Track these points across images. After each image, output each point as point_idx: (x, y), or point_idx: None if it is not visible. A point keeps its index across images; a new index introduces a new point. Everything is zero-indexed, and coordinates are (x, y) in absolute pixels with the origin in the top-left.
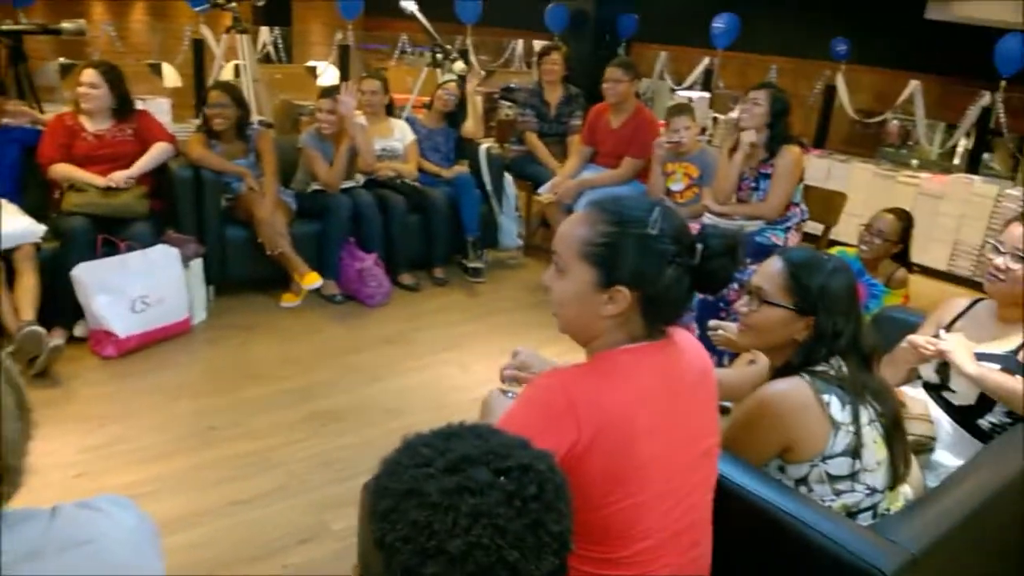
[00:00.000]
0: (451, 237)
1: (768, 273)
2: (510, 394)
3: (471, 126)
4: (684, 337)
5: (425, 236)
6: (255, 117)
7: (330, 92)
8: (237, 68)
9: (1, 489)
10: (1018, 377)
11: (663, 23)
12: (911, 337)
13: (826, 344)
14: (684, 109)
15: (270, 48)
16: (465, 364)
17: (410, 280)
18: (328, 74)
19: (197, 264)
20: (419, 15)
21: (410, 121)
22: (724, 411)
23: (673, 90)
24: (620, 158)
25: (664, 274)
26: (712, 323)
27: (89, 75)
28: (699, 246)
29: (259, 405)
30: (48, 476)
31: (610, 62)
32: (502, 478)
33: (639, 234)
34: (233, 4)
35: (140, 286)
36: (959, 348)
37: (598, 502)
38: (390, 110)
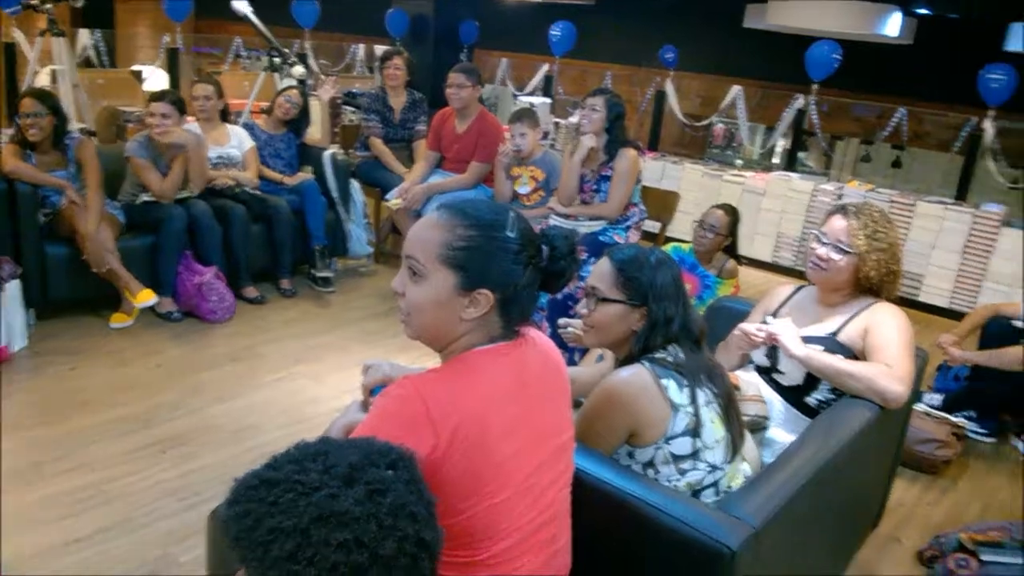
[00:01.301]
0: (297, 246)
1: (600, 273)
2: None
3: (316, 132)
4: (536, 335)
5: (269, 246)
6: (74, 125)
7: (163, 96)
8: (54, 73)
9: None
10: (838, 356)
11: (503, 30)
12: (742, 325)
13: (660, 331)
14: (525, 115)
15: (91, 52)
16: (319, 376)
17: (255, 293)
18: (155, 79)
19: (13, 286)
20: (253, 17)
21: (248, 127)
22: (577, 406)
23: (515, 96)
24: (466, 163)
25: (522, 276)
26: (562, 321)
27: None
28: (545, 247)
29: (92, 435)
30: None
31: (452, 68)
32: (392, 471)
33: (498, 237)
34: (48, 6)
35: None
36: (786, 332)
37: (459, 506)
38: (225, 116)
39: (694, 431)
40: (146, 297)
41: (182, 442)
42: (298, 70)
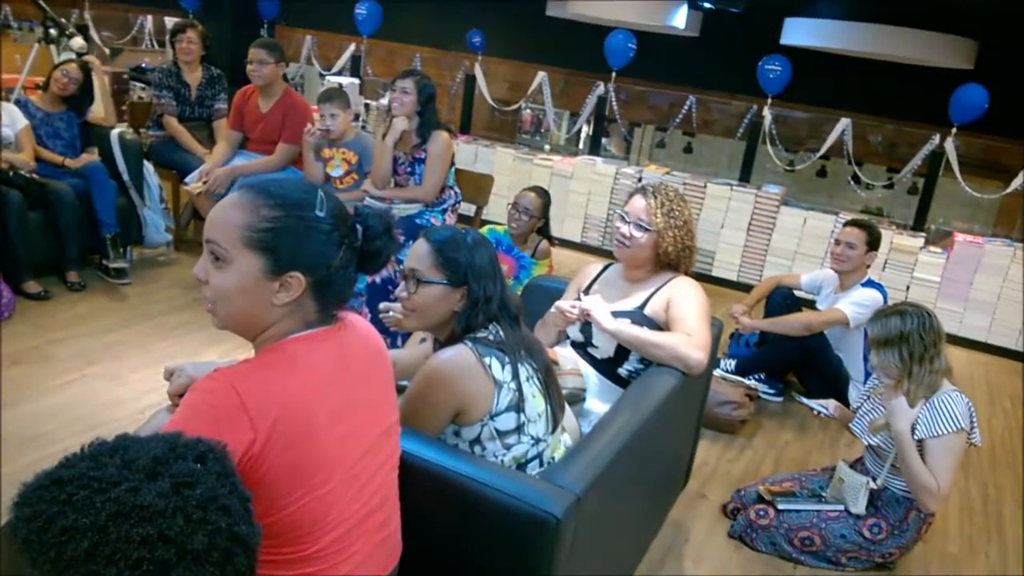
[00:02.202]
0: (85, 235)
1: (418, 255)
2: None
3: (100, 110)
4: (355, 320)
5: (52, 235)
6: None
7: None
8: None
9: None
10: (644, 328)
11: (307, 7)
12: (557, 303)
13: (481, 310)
14: (335, 95)
15: None
16: (119, 376)
17: (37, 288)
18: None
19: None
20: None
21: (21, 104)
22: (401, 391)
23: (322, 75)
24: (272, 144)
25: (335, 257)
26: (383, 305)
27: None
28: (359, 227)
29: None
30: None
31: (253, 43)
32: (201, 464)
33: (307, 217)
34: None
35: None
36: (597, 308)
37: (283, 501)
38: None
39: (517, 406)
40: None
41: None
42: (77, 42)
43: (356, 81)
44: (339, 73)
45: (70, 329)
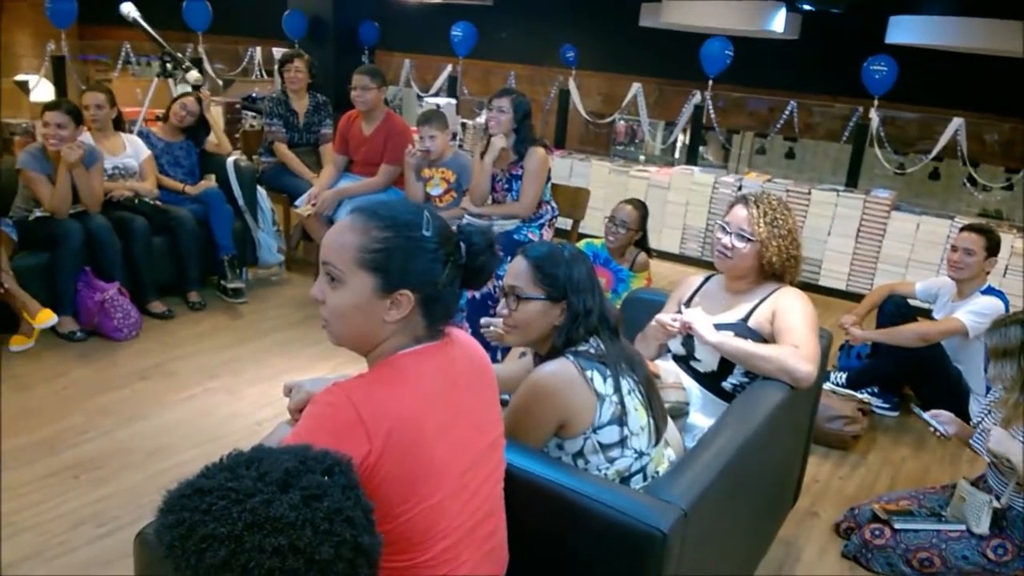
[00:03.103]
0: (204, 257)
1: (517, 271)
2: None
3: (215, 139)
4: (461, 335)
5: (174, 258)
6: None
7: (57, 106)
8: None
9: None
10: (749, 340)
11: (405, 31)
12: (658, 316)
13: (581, 323)
14: (433, 116)
15: None
16: (235, 390)
17: (161, 307)
18: (41, 88)
19: None
20: (142, 21)
21: (143, 135)
22: (503, 404)
23: (420, 97)
24: (375, 165)
25: (442, 274)
26: (484, 321)
27: None
28: (463, 244)
29: None
30: None
31: (355, 70)
32: (328, 477)
33: (415, 237)
34: None
35: None
36: (700, 321)
37: (397, 510)
38: (119, 125)
39: (620, 419)
40: (45, 317)
41: (95, 466)
42: (193, 75)
43: (453, 101)
44: (436, 94)
45: (191, 346)
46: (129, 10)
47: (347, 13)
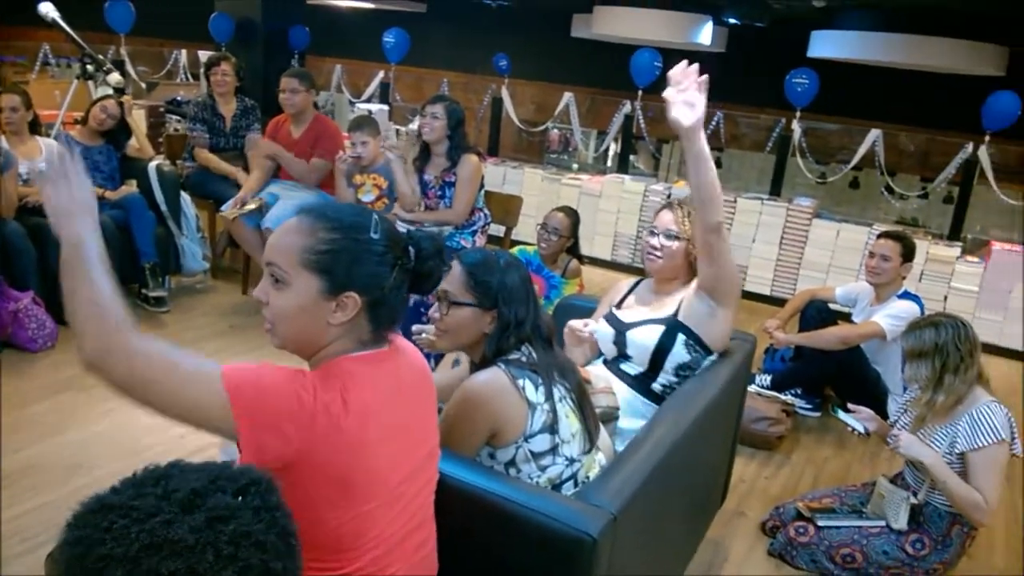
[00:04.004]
0: (124, 265)
1: (450, 277)
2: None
3: (136, 143)
4: (405, 344)
5: None
6: None
7: None
8: None
9: None
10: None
11: (336, 36)
12: (570, 323)
13: (512, 332)
14: (365, 122)
15: None
16: None
17: None
18: None
19: None
20: (61, 22)
21: (61, 139)
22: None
23: (352, 103)
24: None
25: (389, 278)
26: (416, 328)
27: None
28: (411, 248)
29: None
30: None
31: (284, 72)
32: (242, 498)
33: (362, 239)
34: None
35: None
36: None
37: (328, 514)
38: (35, 128)
39: (551, 427)
40: None
41: (13, 482)
42: (114, 78)
43: (385, 108)
44: (368, 100)
45: None
46: (48, 10)
47: (276, 16)
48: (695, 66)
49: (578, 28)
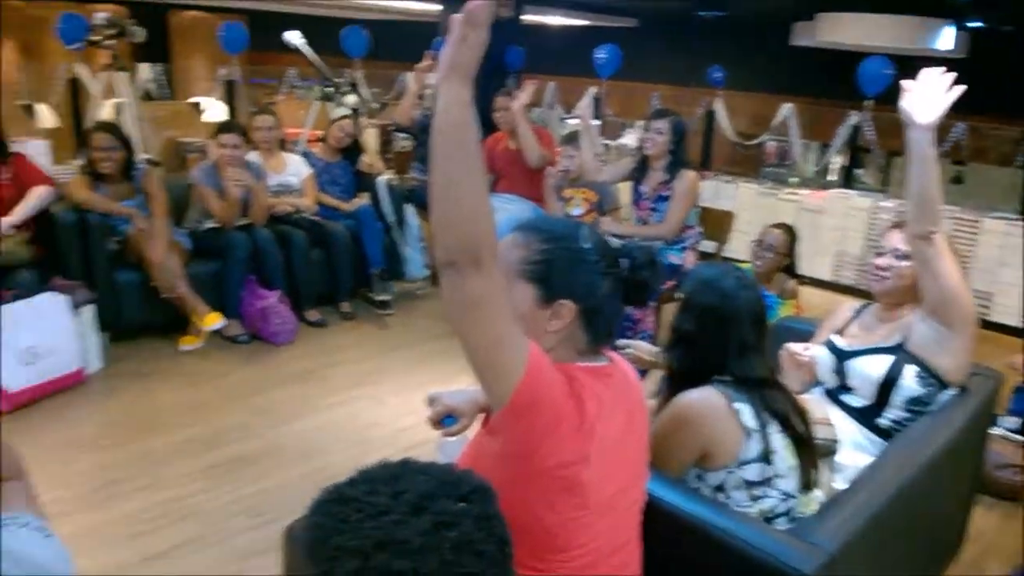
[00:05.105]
0: (355, 270)
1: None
2: (451, 440)
3: (368, 159)
4: (620, 359)
5: (328, 270)
6: (140, 156)
7: (230, 128)
8: (117, 107)
9: None
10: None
11: (549, 54)
12: (787, 345)
13: (728, 354)
14: (575, 137)
15: (150, 85)
16: (381, 398)
17: (316, 316)
18: (213, 110)
19: (88, 311)
20: (305, 48)
21: (306, 155)
22: None
23: (562, 119)
24: (522, 179)
25: (601, 286)
26: (622, 342)
27: None
28: (625, 259)
29: (165, 455)
30: None
31: (498, 92)
32: (464, 504)
33: (574, 248)
34: (112, 42)
35: (28, 336)
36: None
37: (541, 514)
38: (283, 144)
39: (766, 457)
40: (213, 320)
41: (251, 462)
42: (350, 99)
43: (596, 122)
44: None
45: (342, 354)
46: (293, 38)
47: (495, 39)
48: (950, 74)
49: (800, 36)
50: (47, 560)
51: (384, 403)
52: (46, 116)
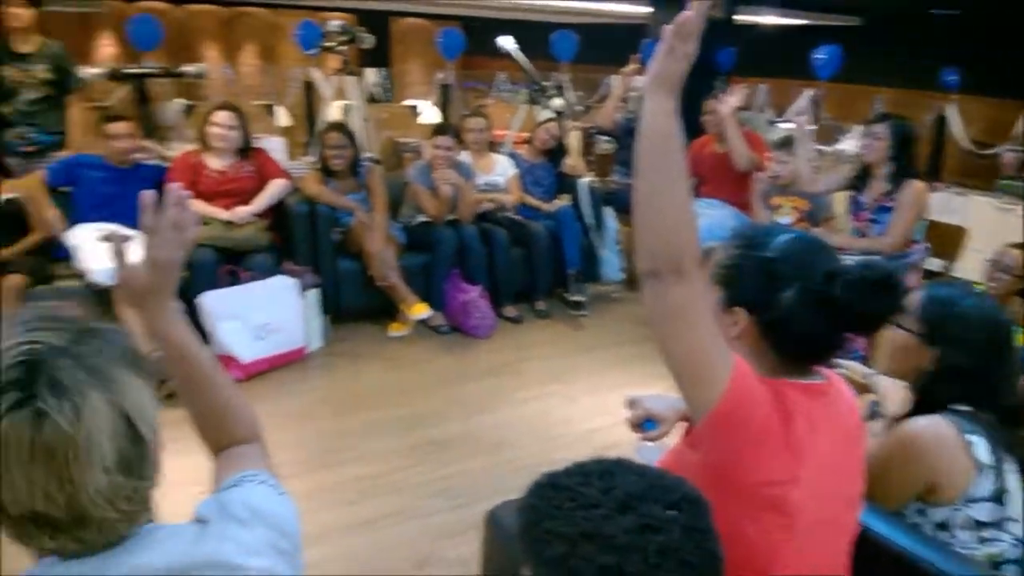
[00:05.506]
0: (553, 270)
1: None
2: (649, 445)
3: (571, 161)
4: (839, 381)
5: (527, 269)
6: (365, 155)
7: (445, 130)
8: (346, 108)
9: (83, 535)
10: None
11: (761, 55)
12: None
13: (959, 382)
14: (788, 142)
15: (374, 89)
16: (572, 397)
17: (513, 312)
18: (428, 113)
19: (313, 294)
20: (516, 54)
21: (512, 156)
22: None
23: (772, 122)
24: (728, 184)
25: (779, 299)
26: (838, 361)
27: (224, 117)
28: (838, 277)
29: (372, 431)
30: (177, 493)
31: (706, 94)
32: (674, 512)
33: (756, 256)
34: (344, 47)
35: (262, 314)
36: None
37: (745, 530)
38: (491, 146)
39: (999, 497)
40: (420, 310)
41: (447, 446)
42: (556, 102)
43: (811, 127)
44: (790, 119)
45: (536, 350)
46: (506, 43)
47: (706, 40)
48: None
49: None
50: (281, 516)
51: (576, 402)
52: (282, 115)
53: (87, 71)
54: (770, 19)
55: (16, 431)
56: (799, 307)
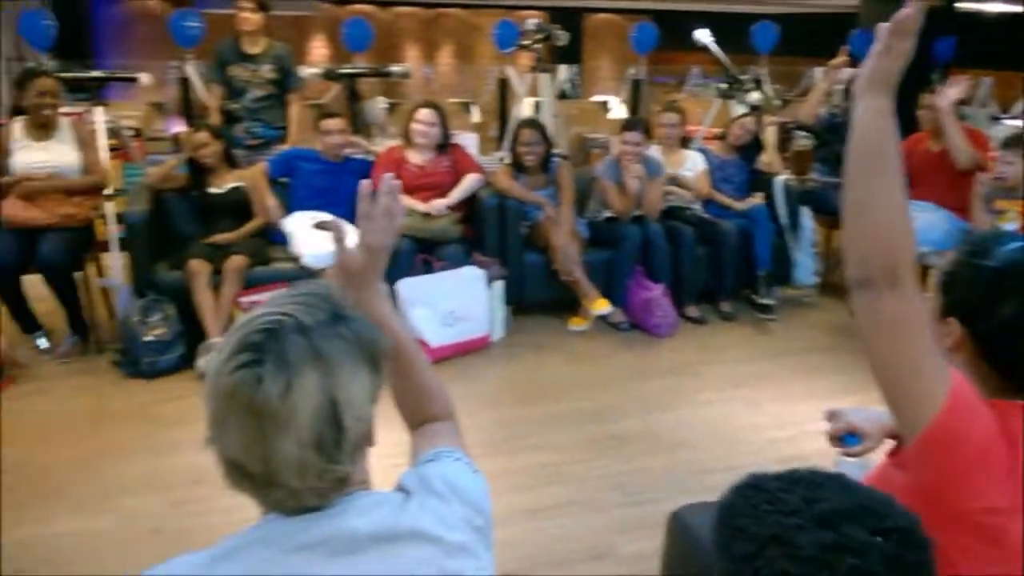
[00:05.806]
0: (740, 270)
1: None
2: (850, 461)
3: (767, 158)
4: None
5: (713, 268)
6: (555, 150)
7: (635, 125)
8: (537, 104)
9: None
10: None
11: (985, 46)
12: None
13: None
14: (1017, 141)
15: (564, 85)
16: (757, 403)
17: (696, 312)
18: (617, 108)
19: (498, 285)
20: (713, 47)
21: (702, 151)
22: None
23: (995, 118)
24: (944, 186)
25: (996, 312)
26: None
27: (427, 114)
28: None
29: (552, 421)
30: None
31: (925, 87)
32: (880, 539)
33: (974, 264)
34: (539, 45)
35: (451, 302)
36: None
37: (955, 558)
38: (684, 141)
39: None
40: (602, 306)
41: (625, 442)
42: (753, 96)
43: None
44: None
45: (719, 353)
46: (703, 36)
47: (923, 28)
48: None
49: None
50: (476, 493)
51: (761, 409)
52: (476, 113)
53: (305, 71)
54: (995, 6)
55: (240, 386)
56: (1018, 324)
